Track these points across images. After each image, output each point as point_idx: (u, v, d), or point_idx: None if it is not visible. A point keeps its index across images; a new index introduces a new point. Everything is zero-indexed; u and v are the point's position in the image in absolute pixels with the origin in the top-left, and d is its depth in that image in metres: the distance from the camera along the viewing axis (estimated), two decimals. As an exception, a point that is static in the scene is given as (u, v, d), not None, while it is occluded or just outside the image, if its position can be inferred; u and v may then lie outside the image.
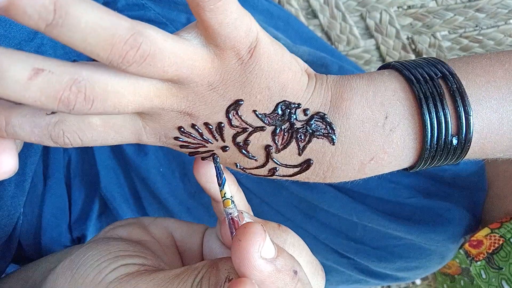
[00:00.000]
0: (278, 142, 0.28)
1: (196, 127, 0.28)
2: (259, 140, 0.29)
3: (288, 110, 0.28)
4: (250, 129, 0.28)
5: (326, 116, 0.28)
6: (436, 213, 0.58)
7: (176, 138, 0.29)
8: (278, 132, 0.28)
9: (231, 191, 0.29)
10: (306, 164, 0.29)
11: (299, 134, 0.28)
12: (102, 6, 0.21)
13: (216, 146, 0.29)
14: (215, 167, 0.29)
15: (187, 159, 0.57)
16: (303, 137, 0.28)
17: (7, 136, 0.25)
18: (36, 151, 0.50)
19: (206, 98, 0.27)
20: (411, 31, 0.74)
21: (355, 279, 0.64)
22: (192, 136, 0.28)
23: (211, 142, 0.29)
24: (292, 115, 0.28)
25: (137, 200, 0.59)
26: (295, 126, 0.28)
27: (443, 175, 0.59)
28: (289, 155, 0.29)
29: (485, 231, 0.56)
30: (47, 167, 0.56)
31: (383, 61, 0.77)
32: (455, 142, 0.28)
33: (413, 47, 0.75)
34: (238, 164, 0.30)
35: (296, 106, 0.28)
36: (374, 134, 0.28)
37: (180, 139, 0.29)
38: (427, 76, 0.28)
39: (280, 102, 0.28)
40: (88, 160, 0.58)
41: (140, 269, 0.28)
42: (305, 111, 0.28)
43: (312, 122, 0.28)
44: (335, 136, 0.28)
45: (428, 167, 0.30)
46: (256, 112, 0.28)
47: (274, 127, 0.28)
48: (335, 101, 0.29)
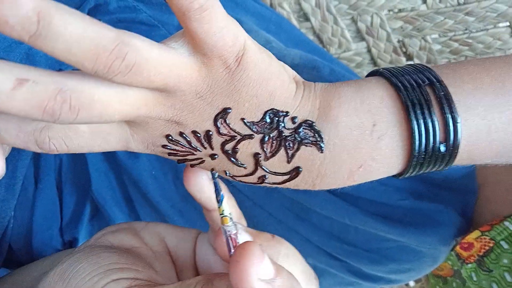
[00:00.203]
0: (266, 150, 0.28)
1: (184, 135, 0.28)
2: (248, 148, 0.29)
3: (276, 118, 0.28)
4: (239, 137, 0.28)
5: (314, 124, 0.28)
6: (427, 215, 0.59)
7: (164, 146, 0.29)
8: (266, 140, 0.28)
9: (225, 200, 0.29)
10: (295, 172, 0.29)
11: (288, 142, 0.28)
12: (87, 16, 0.21)
13: (205, 154, 0.29)
14: (213, 183, 0.29)
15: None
16: (291, 145, 0.28)
17: None
18: (27, 154, 0.50)
19: (193, 106, 0.27)
20: (402, 34, 0.74)
21: (348, 281, 0.64)
22: (180, 144, 0.28)
23: (199, 150, 0.29)
24: (280, 123, 0.28)
25: (129, 203, 0.59)
26: (284, 134, 0.28)
27: (434, 177, 0.59)
28: (278, 163, 0.29)
29: (475, 233, 0.57)
30: (38, 170, 0.55)
31: (375, 63, 0.77)
32: (443, 149, 0.28)
33: (404, 50, 0.75)
34: (227, 172, 0.30)
35: (284, 114, 0.28)
36: (362, 142, 0.28)
37: (168, 147, 0.29)
38: (414, 83, 0.29)
39: (268, 110, 0.28)
40: (79, 163, 0.57)
41: (131, 284, 0.28)
42: (293, 119, 0.28)
43: (300, 130, 0.28)
44: (323, 144, 0.28)
45: (416, 174, 0.30)
46: (244, 120, 0.28)
47: (262, 135, 0.28)
48: (323, 109, 0.29)
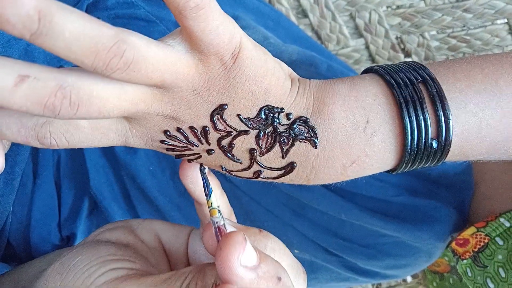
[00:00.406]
0: (262, 145, 0.29)
1: (182, 130, 0.28)
2: (244, 144, 0.29)
3: (271, 115, 0.28)
4: (235, 133, 0.28)
5: (309, 120, 0.29)
6: (423, 211, 0.59)
7: (162, 142, 0.29)
8: (261, 136, 0.29)
9: (214, 194, 0.30)
10: (290, 167, 0.30)
11: (282, 138, 0.29)
12: (86, 15, 0.21)
13: (202, 149, 0.29)
14: (202, 178, 0.30)
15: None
16: (286, 140, 0.29)
17: None
18: (25, 150, 0.50)
19: (190, 102, 0.27)
20: (400, 30, 0.75)
21: (344, 277, 0.65)
22: (178, 140, 0.29)
23: (196, 146, 0.29)
24: (275, 119, 0.28)
25: (127, 199, 0.59)
26: (279, 130, 0.29)
27: (430, 174, 0.60)
28: (273, 158, 0.30)
29: (471, 230, 0.57)
30: (36, 166, 0.56)
31: (373, 60, 0.77)
32: (435, 145, 0.29)
33: (402, 46, 0.76)
34: (223, 167, 0.30)
35: (279, 110, 0.28)
36: (356, 138, 0.29)
37: (166, 142, 0.29)
38: (407, 81, 0.29)
39: (263, 107, 0.28)
40: (77, 159, 0.58)
41: (128, 273, 0.29)
42: (288, 115, 0.29)
43: (295, 126, 0.29)
44: (317, 139, 0.29)
45: (410, 169, 0.31)
46: (240, 116, 0.28)
47: (258, 131, 0.28)
48: (317, 105, 0.29)
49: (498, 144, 0.30)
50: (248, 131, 0.28)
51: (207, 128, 0.28)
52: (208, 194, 0.29)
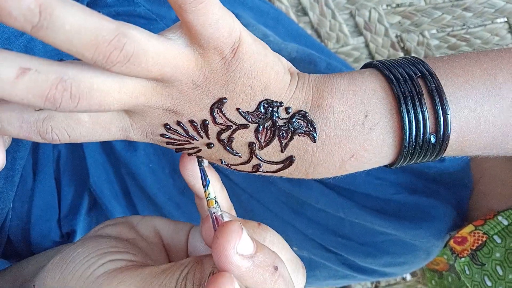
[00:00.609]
0: (261, 139, 0.29)
1: (182, 124, 0.28)
2: (243, 137, 0.29)
3: (271, 109, 0.28)
4: (234, 126, 0.29)
5: (308, 114, 0.29)
6: (421, 209, 0.59)
7: (162, 135, 0.29)
8: (261, 129, 0.29)
9: (214, 189, 0.30)
10: (289, 161, 0.30)
11: (281, 132, 0.29)
12: (87, 8, 0.21)
13: (201, 143, 0.30)
14: (200, 170, 0.30)
15: (177, 155, 0.57)
16: (285, 134, 0.29)
17: None
18: (25, 146, 0.50)
19: (190, 96, 0.27)
20: (400, 29, 0.75)
21: (342, 274, 0.65)
22: (178, 133, 0.29)
23: (196, 139, 0.29)
24: (274, 113, 0.29)
25: (126, 196, 0.60)
26: (277, 124, 0.29)
27: (429, 172, 0.60)
28: (272, 152, 0.30)
29: (469, 228, 0.57)
30: (36, 162, 0.56)
31: (372, 58, 0.77)
32: (433, 140, 0.29)
33: (401, 45, 0.76)
34: (223, 161, 0.31)
35: (278, 104, 0.28)
36: (354, 132, 0.29)
37: (166, 136, 0.29)
38: (406, 76, 0.29)
39: (262, 101, 0.28)
40: (77, 156, 0.58)
41: (127, 264, 0.29)
42: (287, 109, 0.29)
43: (294, 120, 0.29)
44: (316, 133, 0.29)
45: (408, 163, 0.31)
46: (240, 110, 0.28)
47: (257, 124, 0.29)
48: (316, 99, 0.29)
49: (497, 139, 0.30)
50: (248, 125, 0.29)
51: (207, 122, 0.28)
52: (205, 185, 0.29)
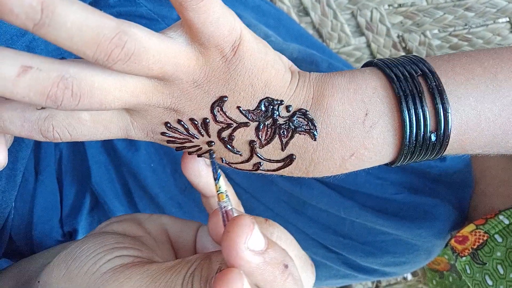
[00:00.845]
0: (261, 137, 0.29)
1: (182, 122, 0.29)
2: (244, 136, 0.29)
3: (271, 107, 0.28)
4: (235, 124, 0.29)
5: (308, 112, 0.29)
6: (422, 209, 0.59)
7: (163, 134, 0.29)
8: (261, 128, 0.29)
9: (223, 179, 0.30)
10: (289, 159, 0.30)
11: (282, 130, 0.29)
12: (88, 6, 0.21)
13: (202, 141, 0.30)
14: (211, 162, 0.30)
15: (178, 155, 0.57)
16: (285, 133, 0.29)
17: None
18: (27, 146, 0.50)
19: (191, 94, 0.27)
20: (402, 29, 0.75)
21: (343, 274, 0.65)
22: (179, 132, 0.29)
23: (197, 138, 0.29)
24: (275, 112, 0.29)
25: (128, 196, 0.60)
26: (278, 122, 0.29)
27: (429, 172, 0.60)
28: (272, 150, 0.30)
29: (470, 227, 0.57)
30: (38, 162, 0.56)
31: (374, 58, 0.77)
32: (433, 138, 0.29)
33: (403, 45, 0.76)
34: (223, 159, 0.31)
35: (278, 102, 0.29)
36: (355, 131, 0.29)
37: (167, 135, 0.29)
38: (407, 74, 0.29)
39: (263, 99, 0.28)
40: (79, 155, 0.58)
41: (134, 260, 0.29)
42: (287, 108, 0.29)
43: (294, 118, 0.29)
44: (316, 132, 0.29)
45: (408, 162, 0.31)
46: (240, 108, 0.28)
47: (257, 123, 0.29)
48: (317, 98, 0.29)
49: (497, 137, 0.30)
50: (248, 123, 0.29)
51: (207, 120, 0.28)
52: (216, 178, 0.28)
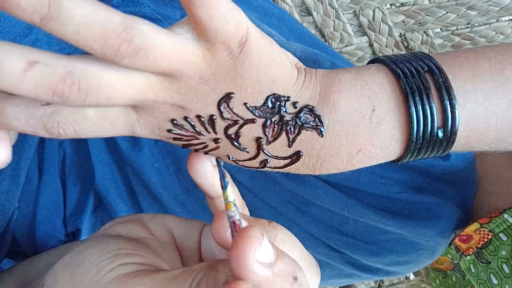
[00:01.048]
0: (268, 134, 0.29)
1: (189, 119, 0.28)
2: (250, 132, 0.29)
3: (278, 103, 0.28)
4: (241, 121, 0.29)
5: (315, 108, 0.29)
6: (426, 208, 0.59)
7: (169, 131, 0.29)
8: (268, 124, 0.29)
9: (231, 187, 0.29)
10: (296, 156, 0.30)
11: (289, 127, 0.29)
12: (96, 1, 0.21)
13: (209, 138, 0.30)
14: (218, 170, 0.29)
15: (182, 154, 0.57)
16: (292, 129, 0.29)
17: (1, 126, 0.25)
18: (31, 146, 0.50)
19: (198, 91, 0.27)
20: (404, 28, 0.75)
21: (347, 273, 0.65)
22: (185, 129, 0.29)
23: (203, 135, 0.29)
24: (281, 108, 0.28)
25: (131, 195, 0.60)
26: (285, 119, 0.29)
27: (433, 171, 0.60)
28: (279, 147, 0.30)
29: (474, 226, 0.57)
30: (42, 162, 0.56)
31: (376, 58, 0.77)
32: (441, 134, 0.29)
33: (405, 44, 0.76)
34: (230, 156, 0.31)
35: (285, 99, 0.28)
36: (362, 127, 0.29)
37: (173, 132, 0.29)
38: (414, 70, 0.29)
39: (270, 95, 0.28)
40: (83, 155, 0.58)
41: (138, 268, 0.28)
42: (294, 104, 0.29)
43: (301, 115, 0.29)
44: (323, 128, 0.29)
45: (415, 159, 0.31)
46: (247, 105, 0.28)
47: (264, 119, 0.29)
48: (323, 94, 0.29)
49: (504, 134, 0.30)
50: (255, 119, 0.29)
51: (214, 117, 0.28)
52: (224, 187, 0.28)
